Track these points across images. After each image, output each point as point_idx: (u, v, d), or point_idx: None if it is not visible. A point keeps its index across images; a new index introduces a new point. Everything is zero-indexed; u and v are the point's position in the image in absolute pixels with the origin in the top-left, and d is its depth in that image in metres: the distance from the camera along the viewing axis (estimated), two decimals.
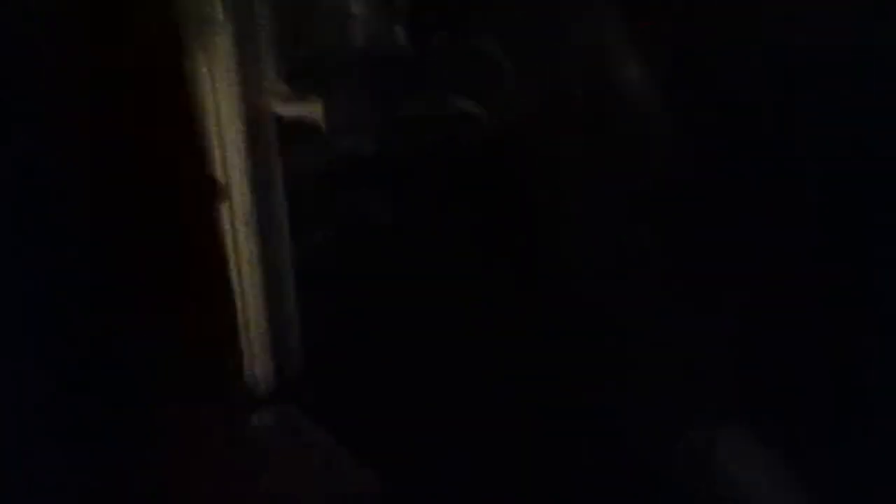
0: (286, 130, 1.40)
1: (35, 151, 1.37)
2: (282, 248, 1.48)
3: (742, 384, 1.46)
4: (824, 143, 1.41)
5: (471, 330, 1.52)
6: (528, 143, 1.46)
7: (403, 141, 1.44)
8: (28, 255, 1.40)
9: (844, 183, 1.41)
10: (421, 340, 1.53)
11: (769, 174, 1.44)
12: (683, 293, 1.47)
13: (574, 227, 1.51)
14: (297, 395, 1.53)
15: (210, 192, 1.42)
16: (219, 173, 1.41)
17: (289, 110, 1.39)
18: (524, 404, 1.51)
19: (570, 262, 1.51)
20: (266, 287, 1.48)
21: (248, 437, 1.53)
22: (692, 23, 1.43)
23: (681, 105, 1.46)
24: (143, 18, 1.35)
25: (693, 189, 1.46)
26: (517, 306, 1.51)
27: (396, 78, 1.41)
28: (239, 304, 1.50)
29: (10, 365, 1.45)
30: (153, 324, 1.45)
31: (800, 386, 1.44)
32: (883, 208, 1.40)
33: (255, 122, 1.38)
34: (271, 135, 1.40)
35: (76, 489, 1.49)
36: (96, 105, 1.39)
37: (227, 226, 1.44)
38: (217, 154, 1.40)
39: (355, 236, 1.53)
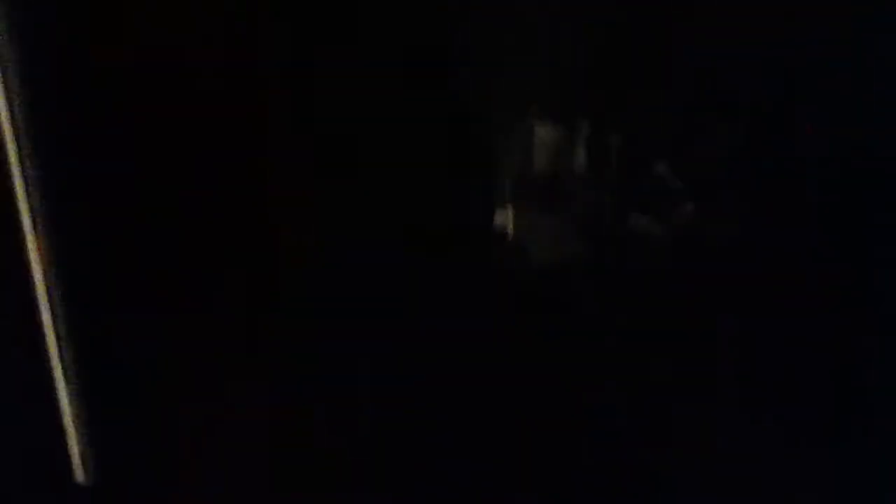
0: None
1: None
2: None
3: (742, 383, 1.46)
4: (824, 142, 1.41)
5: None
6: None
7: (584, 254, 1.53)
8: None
9: (844, 183, 1.41)
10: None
11: (769, 174, 1.44)
12: (684, 292, 1.47)
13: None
14: None
15: None
16: None
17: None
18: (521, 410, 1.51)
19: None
20: None
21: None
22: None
23: (682, 104, 1.46)
24: None
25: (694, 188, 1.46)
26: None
27: (580, 197, 1.51)
28: None
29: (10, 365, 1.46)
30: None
31: (800, 386, 1.44)
32: (883, 208, 1.40)
33: None
34: None
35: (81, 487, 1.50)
36: None
37: None
38: None
39: None
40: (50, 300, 1.45)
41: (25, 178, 1.43)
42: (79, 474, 1.50)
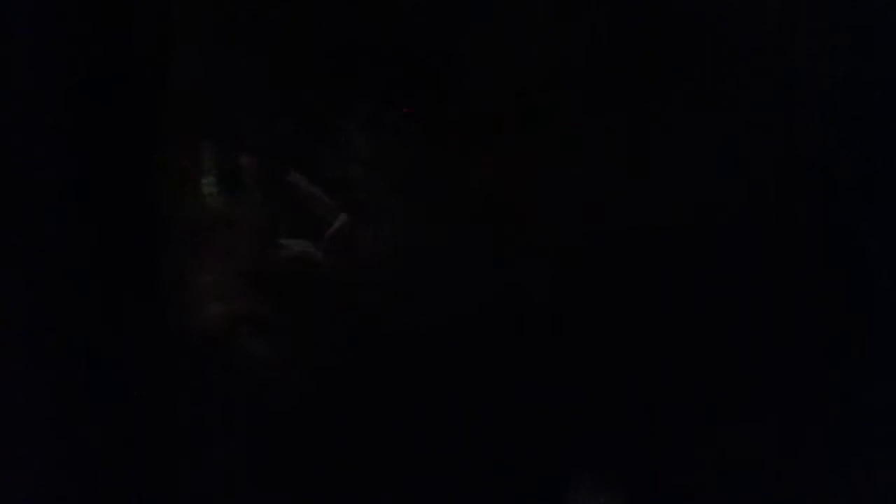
0: None
1: None
2: None
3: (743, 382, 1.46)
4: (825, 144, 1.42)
5: None
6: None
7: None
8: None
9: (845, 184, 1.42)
10: None
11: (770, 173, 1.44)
12: (684, 296, 1.47)
13: None
14: None
15: None
16: None
17: None
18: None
19: None
20: None
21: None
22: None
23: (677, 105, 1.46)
24: None
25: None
26: None
27: (214, 233, 1.43)
28: None
29: (10, 365, 1.45)
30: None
31: (800, 385, 1.45)
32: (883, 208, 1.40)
33: None
34: None
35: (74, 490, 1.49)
36: None
37: None
38: None
39: None
40: None
41: None
42: None
